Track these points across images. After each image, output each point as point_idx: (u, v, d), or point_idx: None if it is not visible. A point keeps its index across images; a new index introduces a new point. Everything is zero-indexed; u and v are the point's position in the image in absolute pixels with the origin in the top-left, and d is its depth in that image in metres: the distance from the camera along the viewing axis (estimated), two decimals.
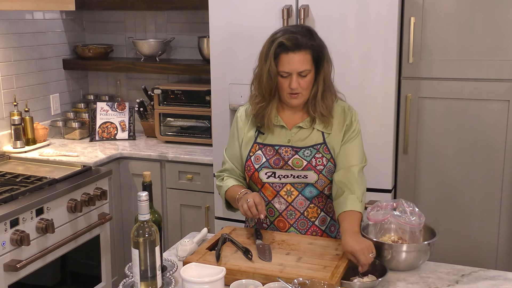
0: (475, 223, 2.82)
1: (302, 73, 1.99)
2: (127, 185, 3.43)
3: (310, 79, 2.02)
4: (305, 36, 2.00)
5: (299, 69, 1.98)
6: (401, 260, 1.89)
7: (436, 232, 1.96)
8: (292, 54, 1.98)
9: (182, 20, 3.80)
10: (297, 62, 1.98)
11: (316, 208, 2.11)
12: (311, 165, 2.06)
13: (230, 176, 2.19)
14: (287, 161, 2.07)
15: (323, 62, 2.03)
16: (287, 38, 1.99)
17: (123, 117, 3.75)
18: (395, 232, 1.96)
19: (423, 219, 1.96)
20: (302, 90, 2.02)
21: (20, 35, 3.51)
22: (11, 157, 3.23)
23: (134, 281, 1.66)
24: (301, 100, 2.05)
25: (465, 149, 2.80)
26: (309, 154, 2.07)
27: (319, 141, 2.08)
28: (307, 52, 1.99)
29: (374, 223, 2.00)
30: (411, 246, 1.89)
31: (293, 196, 2.09)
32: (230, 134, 2.24)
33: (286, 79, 2.01)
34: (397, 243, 1.92)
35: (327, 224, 2.14)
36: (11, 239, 2.42)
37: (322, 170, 2.06)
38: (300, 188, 2.09)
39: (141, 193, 1.62)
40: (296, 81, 2.00)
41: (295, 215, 2.11)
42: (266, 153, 2.10)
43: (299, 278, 1.63)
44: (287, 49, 1.98)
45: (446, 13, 2.71)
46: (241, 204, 1.99)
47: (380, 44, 2.68)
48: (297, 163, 2.06)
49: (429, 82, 2.79)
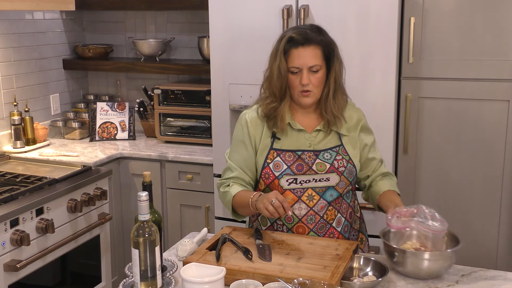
0: (475, 223, 2.82)
1: (313, 68, 1.97)
2: (127, 185, 3.43)
3: (321, 76, 2.00)
4: (314, 32, 2.00)
5: (310, 63, 1.96)
6: (423, 268, 1.80)
7: (460, 240, 1.87)
8: (302, 48, 1.96)
9: (182, 20, 3.81)
10: (307, 56, 1.96)
11: (334, 210, 2.09)
12: (333, 167, 2.04)
13: (236, 183, 2.11)
14: (311, 166, 2.04)
15: (333, 60, 2.01)
16: (297, 33, 1.99)
17: (123, 117, 3.75)
18: (417, 239, 1.88)
19: (446, 224, 1.87)
20: (313, 87, 1.99)
21: (20, 35, 3.51)
22: (11, 157, 3.23)
23: (134, 281, 1.66)
24: (312, 99, 2.02)
25: (465, 149, 2.80)
26: (330, 157, 2.05)
27: (337, 143, 2.08)
28: (317, 47, 1.98)
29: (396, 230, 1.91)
30: (436, 254, 1.81)
31: (314, 200, 2.06)
32: (235, 139, 2.16)
33: (297, 76, 1.99)
34: (420, 250, 1.84)
35: (342, 225, 2.11)
36: (11, 239, 2.42)
37: (344, 171, 2.05)
38: (321, 192, 2.06)
39: (141, 193, 1.62)
40: (307, 77, 1.97)
41: (315, 219, 2.07)
42: (285, 160, 2.05)
43: (299, 278, 1.63)
44: (297, 43, 1.97)
45: (446, 13, 2.72)
46: (264, 207, 1.88)
47: (380, 44, 2.68)
48: (321, 167, 2.04)
49: (429, 82, 2.80)
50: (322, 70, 2.00)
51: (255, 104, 2.17)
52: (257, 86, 2.70)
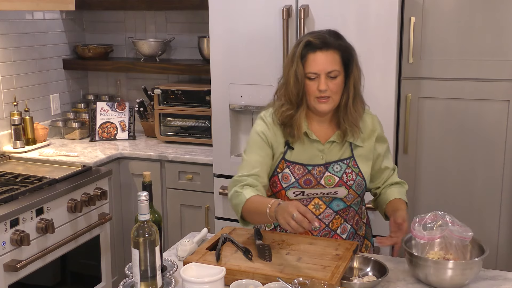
0: (475, 223, 2.82)
1: (331, 74, 1.90)
2: (127, 185, 3.43)
3: (340, 83, 1.93)
4: (333, 36, 1.94)
5: (328, 68, 1.90)
6: (446, 277, 1.74)
7: (484, 248, 1.81)
8: (320, 53, 1.90)
9: (182, 20, 3.80)
10: (325, 61, 1.89)
11: (340, 218, 2.07)
12: (342, 181, 2.00)
13: (251, 186, 1.97)
14: (319, 181, 2.00)
15: (352, 66, 1.95)
16: (315, 37, 1.92)
17: (123, 117, 3.75)
18: (439, 247, 1.84)
19: (469, 229, 1.82)
20: (331, 93, 1.92)
21: (20, 35, 3.51)
22: (11, 157, 3.23)
23: (134, 281, 1.66)
24: (330, 105, 1.94)
25: (465, 149, 2.80)
26: (339, 170, 2.00)
27: (348, 155, 2.03)
28: (335, 52, 1.91)
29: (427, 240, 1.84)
30: (463, 264, 1.75)
31: (321, 209, 2.04)
32: (255, 140, 2.04)
33: (314, 81, 1.91)
34: (446, 259, 1.79)
35: (347, 232, 2.10)
36: (11, 239, 2.42)
37: (352, 185, 2.01)
38: (328, 202, 2.03)
39: (141, 193, 1.62)
40: (325, 82, 1.89)
41: (320, 227, 2.05)
42: (294, 172, 2.00)
43: (299, 278, 1.63)
44: (315, 47, 1.90)
45: (446, 13, 2.71)
46: (286, 222, 1.71)
47: (380, 44, 2.68)
48: (329, 180, 2.00)
49: (429, 82, 2.80)
50: (341, 76, 1.93)
51: (269, 107, 2.08)
52: (257, 86, 2.71)
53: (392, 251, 2.00)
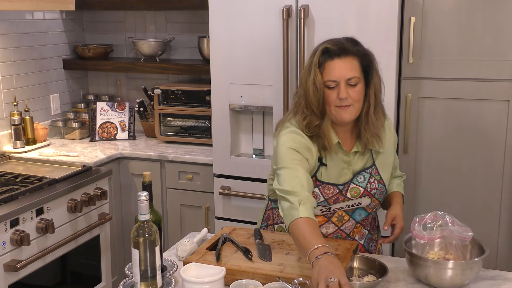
0: (475, 223, 2.82)
1: (351, 81, 1.83)
2: (127, 185, 3.43)
3: (361, 90, 1.85)
4: (350, 42, 1.88)
5: (347, 75, 1.82)
6: (447, 277, 1.74)
7: (484, 248, 1.81)
8: (338, 60, 1.83)
9: (182, 20, 3.80)
10: (344, 68, 1.82)
11: (360, 227, 2.07)
12: (367, 191, 1.97)
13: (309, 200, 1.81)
14: (345, 195, 1.96)
15: (372, 73, 1.88)
16: (332, 43, 1.86)
17: (123, 117, 3.75)
18: (439, 247, 1.83)
19: (469, 229, 1.82)
20: (353, 101, 1.84)
21: (20, 35, 3.51)
22: (11, 157, 3.23)
23: (134, 281, 1.66)
24: (352, 114, 1.86)
25: (465, 149, 2.80)
26: (363, 180, 1.97)
27: (370, 164, 1.99)
28: (354, 58, 1.85)
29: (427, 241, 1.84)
30: (463, 264, 1.76)
31: (344, 220, 2.02)
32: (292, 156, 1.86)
33: (334, 90, 1.84)
34: (446, 259, 1.79)
35: (365, 238, 2.09)
36: (11, 239, 2.42)
37: (375, 193, 2.00)
38: (350, 212, 2.02)
39: (141, 193, 1.62)
40: (345, 90, 1.82)
41: (341, 237, 2.05)
42: (324, 192, 1.93)
43: (299, 278, 1.63)
44: (333, 54, 1.83)
45: (446, 13, 2.71)
46: (318, 279, 1.54)
47: (380, 44, 2.67)
48: (355, 192, 1.96)
49: (429, 82, 2.80)
50: (361, 83, 1.86)
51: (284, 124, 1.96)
52: (257, 86, 2.71)
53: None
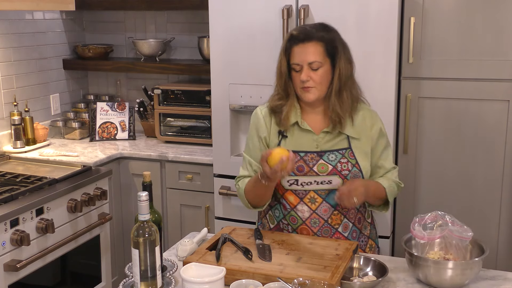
0: (475, 223, 2.82)
1: (313, 65, 1.97)
2: (127, 185, 3.43)
3: (323, 74, 1.99)
4: (316, 29, 2.00)
5: (309, 59, 1.97)
6: (447, 277, 1.74)
7: (485, 248, 1.82)
8: (302, 44, 1.97)
9: (182, 20, 3.81)
10: (306, 52, 1.97)
11: (339, 215, 2.08)
12: (336, 169, 2.02)
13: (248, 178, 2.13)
14: (312, 167, 2.03)
15: (337, 57, 2.00)
16: (297, 30, 2.03)
17: (123, 117, 3.75)
18: (439, 247, 1.83)
19: (469, 229, 1.83)
20: (315, 84, 1.99)
21: (20, 35, 3.51)
22: (11, 157, 3.23)
23: (134, 281, 1.66)
24: (315, 95, 2.01)
25: (465, 149, 2.80)
26: (334, 159, 2.03)
27: (345, 146, 2.06)
28: (318, 43, 1.98)
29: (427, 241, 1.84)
30: (463, 264, 1.76)
31: (317, 203, 2.05)
32: (249, 134, 2.18)
33: (299, 73, 2.00)
34: (446, 259, 1.79)
35: (349, 230, 2.10)
36: (11, 239, 2.42)
37: (347, 175, 2.03)
38: (323, 195, 2.05)
39: (141, 193, 1.62)
40: (307, 73, 1.97)
41: (319, 223, 2.06)
42: None
43: (299, 278, 1.63)
44: (297, 40, 1.98)
45: (446, 13, 2.71)
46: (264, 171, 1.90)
47: (380, 44, 2.68)
48: (322, 168, 2.03)
49: (429, 82, 2.80)
50: (325, 67, 1.99)
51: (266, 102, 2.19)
52: (257, 86, 2.72)
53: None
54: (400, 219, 2.93)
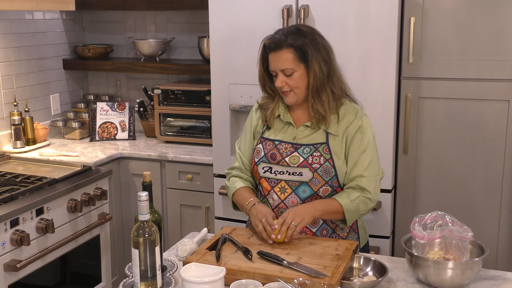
0: (475, 223, 2.82)
1: (285, 72, 2.04)
2: (127, 185, 3.43)
3: (298, 78, 2.04)
4: (286, 36, 2.03)
5: (281, 67, 2.04)
6: (447, 277, 1.74)
7: (484, 248, 1.82)
8: (274, 53, 2.05)
9: (182, 20, 3.81)
10: (277, 61, 2.04)
11: None
12: (307, 162, 2.06)
13: (238, 175, 2.23)
14: (284, 157, 2.09)
15: (310, 62, 2.03)
16: (268, 39, 2.08)
17: (123, 117, 3.75)
18: (439, 247, 1.83)
19: (469, 229, 1.83)
20: (292, 88, 2.06)
21: (20, 35, 3.51)
22: (11, 157, 3.23)
23: (134, 281, 1.66)
24: (293, 98, 2.08)
25: (465, 149, 2.80)
26: (308, 152, 2.07)
27: (322, 141, 2.08)
28: (288, 50, 2.02)
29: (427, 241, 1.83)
30: (463, 264, 1.75)
31: (286, 193, 2.09)
32: (245, 127, 2.29)
33: (276, 78, 2.08)
34: (446, 259, 1.78)
35: (318, 227, 2.11)
36: (11, 239, 2.42)
37: (318, 168, 2.05)
38: (294, 186, 2.08)
39: (141, 193, 1.62)
40: (281, 80, 2.05)
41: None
42: (265, 147, 2.14)
43: (299, 278, 1.63)
44: (269, 49, 2.07)
45: (446, 13, 2.71)
46: (255, 225, 2.01)
47: (380, 44, 2.68)
48: (294, 160, 2.08)
49: (429, 82, 2.80)
50: (299, 72, 2.03)
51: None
52: (257, 86, 2.70)
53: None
54: (400, 219, 2.93)
